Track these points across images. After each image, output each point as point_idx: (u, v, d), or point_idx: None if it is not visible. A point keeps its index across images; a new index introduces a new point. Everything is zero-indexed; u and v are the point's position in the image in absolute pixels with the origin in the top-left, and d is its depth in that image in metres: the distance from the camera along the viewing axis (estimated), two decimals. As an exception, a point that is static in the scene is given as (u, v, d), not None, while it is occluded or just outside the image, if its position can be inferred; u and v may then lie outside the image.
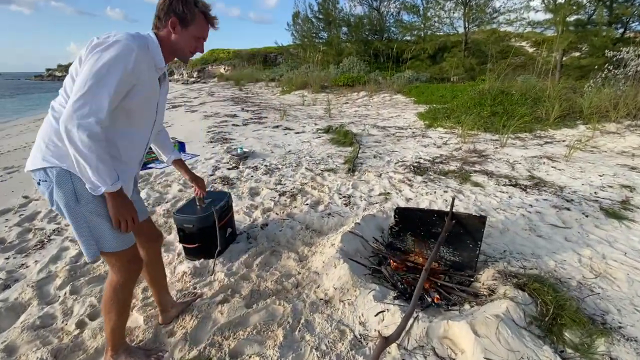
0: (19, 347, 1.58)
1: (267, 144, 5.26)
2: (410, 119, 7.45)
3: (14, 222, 2.99)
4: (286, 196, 3.19)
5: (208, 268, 2.13)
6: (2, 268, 2.28)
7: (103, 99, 1.05)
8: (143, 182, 3.81)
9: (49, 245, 2.56)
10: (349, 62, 17.00)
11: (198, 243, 2.11)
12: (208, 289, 1.94)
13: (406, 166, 4.03)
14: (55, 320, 1.76)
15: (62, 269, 2.20)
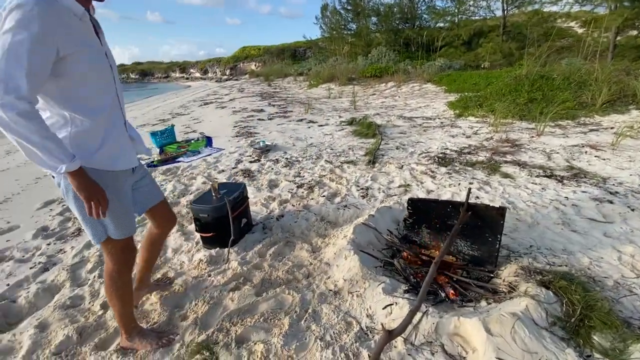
0: (51, 324, 1.73)
1: (289, 137, 5.29)
2: (440, 108, 7.14)
3: (56, 211, 3.27)
4: (304, 188, 3.19)
5: (223, 257, 2.19)
6: (43, 252, 2.51)
7: (17, 74, 0.94)
8: (171, 174, 4.00)
9: (85, 233, 2.77)
10: (378, 53, 16.60)
11: (213, 232, 2.17)
12: (221, 277, 1.99)
13: (430, 157, 3.87)
14: (83, 301, 1.91)
15: (93, 254, 2.37)
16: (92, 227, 1.28)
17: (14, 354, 1.57)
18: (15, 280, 2.17)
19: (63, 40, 1.03)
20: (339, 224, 2.57)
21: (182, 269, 2.14)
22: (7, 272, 2.29)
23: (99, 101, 1.21)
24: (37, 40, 0.96)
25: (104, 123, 1.22)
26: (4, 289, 2.08)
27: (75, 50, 1.07)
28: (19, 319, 1.85)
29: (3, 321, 1.82)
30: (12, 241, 2.75)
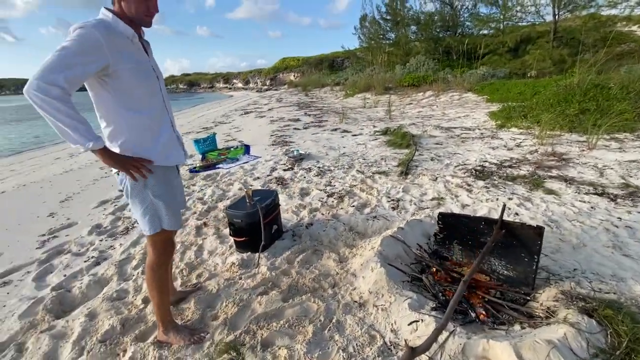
0: (98, 314, 1.90)
1: (322, 147, 5.37)
2: (480, 118, 6.85)
3: (109, 211, 3.60)
4: (334, 197, 3.23)
5: (253, 261, 2.28)
6: (96, 248, 2.77)
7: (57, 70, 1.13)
8: (210, 180, 4.23)
9: (132, 231, 3.02)
10: (417, 62, 16.35)
11: (245, 237, 2.27)
12: (251, 280, 2.07)
13: (467, 170, 3.72)
14: (127, 295, 2.08)
15: (138, 252, 2.58)
16: (150, 218, 1.45)
17: (66, 338, 1.75)
18: (71, 272, 2.42)
19: (114, 56, 1.24)
20: (368, 234, 2.56)
21: (215, 270, 2.25)
22: (65, 264, 2.56)
23: (149, 106, 1.40)
24: (82, 53, 1.17)
25: (155, 125, 1.43)
26: (61, 279, 2.33)
27: (126, 65, 1.29)
28: (72, 308, 2.06)
29: (59, 308, 2.04)
30: (70, 236, 3.07)
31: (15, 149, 12.53)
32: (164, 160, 1.45)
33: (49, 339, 1.73)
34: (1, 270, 2.55)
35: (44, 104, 1.12)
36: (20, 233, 3.26)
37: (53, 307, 2.02)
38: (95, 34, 1.18)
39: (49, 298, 2.08)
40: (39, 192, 4.72)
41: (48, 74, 1.12)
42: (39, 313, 1.97)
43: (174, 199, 1.52)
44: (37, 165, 8.17)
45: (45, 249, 2.85)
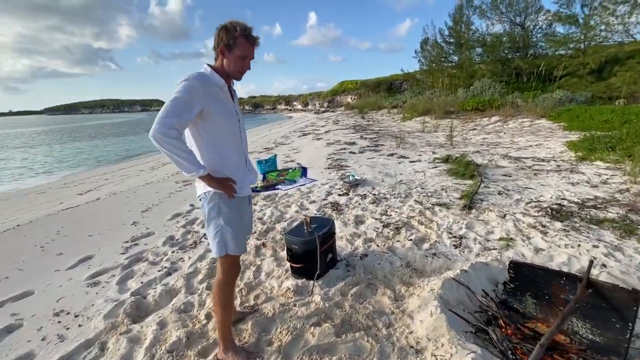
0: (168, 324, 2.08)
1: (378, 172, 5.32)
2: (556, 149, 6.21)
3: (181, 224, 3.97)
4: (390, 228, 3.15)
5: (308, 288, 2.31)
6: (169, 259, 3.06)
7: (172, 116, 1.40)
8: (270, 200, 4.45)
9: (199, 246, 3.28)
10: (481, 84, 15.57)
11: (302, 264, 2.32)
12: (305, 309, 2.09)
13: (541, 208, 3.37)
14: (192, 308, 2.24)
15: (204, 267, 2.78)
16: (219, 242, 1.63)
17: (140, 344, 1.94)
18: (147, 280, 2.69)
19: (208, 101, 1.50)
20: (426, 273, 2.44)
21: (271, 293, 2.33)
22: (143, 271, 2.87)
23: (229, 145, 1.64)
24: (188, 100, 1.44)
25: (232, 161, 1.65)
26: (139, 285, 2.61)
27: (216, 109, 1.54)
28: (146, 314, 2.28)
29: (135, 313, 2.28)
30: (148, 245, 3.44)
31: (110, 159, 14.61)
32: (237, 192, 1.64)
33: (126, 342, 1.93)
34: (93, 271, 2.94)
35: (166, 143, 1.40)
36: (109, 238, 3.75)
37: (131, 311, 2.26)
38: (196, 84, 1.45)
39: (128, 303, 2.33)
40: (125, 200, 5.41)
41: (166, 119, 1.39)
42: (120, 315, 2.22)
43: (242, 227, 1.70)
44: (125, 176, 9.40)
45: (128, 255, 3.23)
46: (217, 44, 1.54)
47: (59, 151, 18.06)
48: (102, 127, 43.65)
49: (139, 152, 16.50)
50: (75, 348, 1.96)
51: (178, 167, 1.47)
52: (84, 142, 23.30)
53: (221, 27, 1.52)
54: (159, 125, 1.38)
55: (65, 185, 9.17)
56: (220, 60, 1.57)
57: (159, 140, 1.39)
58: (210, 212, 1.62)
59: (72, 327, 2.17)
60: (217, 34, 1.53)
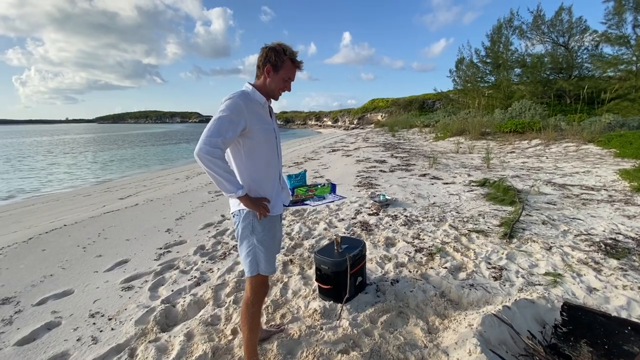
0: (194, 335, 2.08)
1: (410, 193, 5.17)
2: (607, 177, 5.74)
3: (212, 234, 4.05)
4: (423, 253, 3.01)
5: (335, 312, 2.23)
6: (199, 268, 3.11)
7: (217, 135, 1.43)
8: (298, 216, 4.44)
9: (229, 257, 3.31)
10: (521, 106, 14.94)
11: (330, 285, 2.25)
12: (332, 334, 2.01)
13: (593, 242, 3.08)
14: (219, 322, 2.24)
15: (232, 280, 2.79)
16: (251, 261, 1.63)
17: (167, 354, 1.94)
18: (177, 288, 2.74)
19: (250, 119, 1.53)
20: (462, 305, 2.28)
21: (298, 313, 2.27)
22: (174, 279, 2.93)
23: (267, 161, 1.64)
24: (232, 119, 1.47)
25: (268, 177, 1.66)
26: (169, 293, 2.66)
27: (256, 126, 1.56)
28: (174, 323, 2.30)
29: (164, 322, 2.31)
30: (180, 253, 3.53)
31: (150, 166, 15.46)
32: (271, 211, 1.63)
33: (154, 352, 1.94)
34: (127, 275, 3.05)
35: (210, 163, 1.42)
36: (144, 243, 3.89)
37: (160, 319, 2.29)
38: (240, 102, 1.49)
39: (158, 310, 2.37)
40: (161, 207, 5.64)
41: (212, 138, 1.42)
42: (150, 323, 2.25)
43: (273, 246, 1.69)
44: (162, 184, 9.86)
45: (161, 261, 3.32)
46: (264, 63, 1.56)
47: (104, 157, 19.44)
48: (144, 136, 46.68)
49: (175, 160, 17.36)
50: (107, 352, 2.01)
51: (218, 185, 1.49)
52: (128, 149, 24.95)
53: (270, 48, 1.55)
54: (204, 145, 1.41)
55: (108, 190, 9.77)
56: (263, 79, 1.60)
57: (203, 159, 1.42)
58: (244, 230, 1.62)
59: (105, 329, 2.24)
60: (264, 54, 1.56)
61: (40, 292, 2.81)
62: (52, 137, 47.69)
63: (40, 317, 2.44)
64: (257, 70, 1.61)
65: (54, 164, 16.69)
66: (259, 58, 1.59)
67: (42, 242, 4.11)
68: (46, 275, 3.12)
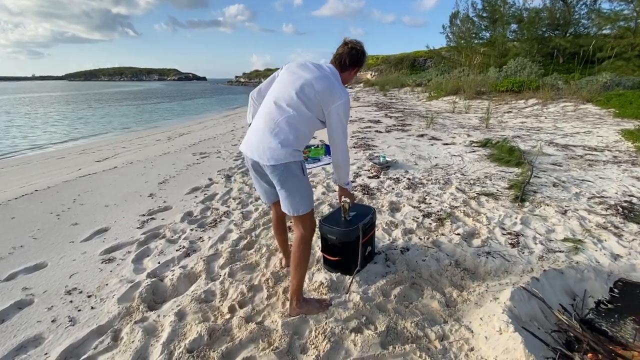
0: (187, 314, 1.85)
1: (410, 155, 4.91)
2: (609, 137, 5.61)
3: (199, 199, 3.73)
4: (431, 219, 2.80)
5: (344, 285, 2.03)
6: (187, 237, 2.83)
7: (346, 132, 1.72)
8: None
9: (220, 225, 3.03)
10: (516, 64, 14.44)
11: (338, 257, 2.02)
12: (342, 310, 1.81)
13: (609, 205, 2.94)
14: (214, 298, 2.00)
15: (225, 250, 2.53)
16: (305, 200, 1.70)
17: (157, 336, 1.71)
18: (164, 260, 2.47)
19: None
20: (479, 275, 2.11)
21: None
22: (160, 249, 2.65)
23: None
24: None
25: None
26: (156, 266, 2.39)
27: None
28: (163, 299, 2.06)
29: (152, 298, 2.06)
30: (165, 220, 3.22)
31: (128, 127, 14.55)
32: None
33: (142, 334, 1.71)
34: (108, 246, 2.75)
35: (348, 156, 1.77)
36: (125, 209, 3.55)
37: (147, 296, 2.04)
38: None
39: (144, 285, 2.12)
40: (142, 170, 5.22)
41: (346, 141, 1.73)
42: (135, 300, 2.00)
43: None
44: (142, 145, 9.27)
45: (144, 230, 3.02)
46: (356, 63, 1.74)
47: (78, 117, 18.18)
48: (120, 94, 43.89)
49: (156, 121, 16.41)
50: (87, 335, 1.76)
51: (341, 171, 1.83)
52: (103, 109, 23.42)
53: (363, 52, 1.75)
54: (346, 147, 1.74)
55: (84, 152, 9.12)
56: (347, 76, 1.77)
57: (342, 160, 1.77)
58: (297, 173, 1.64)
59: (84, 309, 1.98)
60: (359, 55, 1.73)
61: (9, 265, 2.49)
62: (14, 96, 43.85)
63: (10, 295, 2.14)
64: (342, 62, 1.72)
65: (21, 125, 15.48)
66: (351, 54, 1.70)
67: (10, 209, 3.70)
68: (15, 247, 2.78)
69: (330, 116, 1.62)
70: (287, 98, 1.61)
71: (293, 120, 1.59)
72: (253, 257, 2.42)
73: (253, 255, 2.44)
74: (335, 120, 1.63)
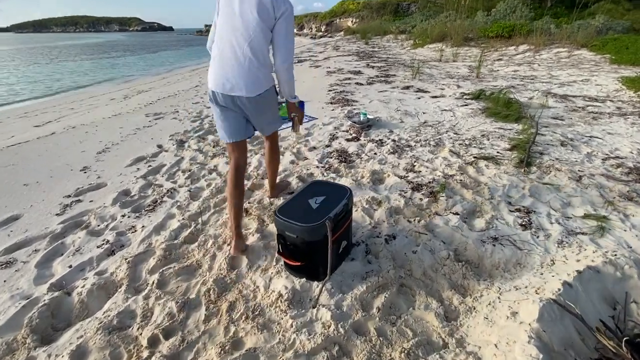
0: (89, 353, 1.31)
1: (395, 110, 4.27)
2: (609, 86, 5.12)
3: (142, 172, 3.05)
4: (422, 192, 2.28)
5: (310, 295, 1.52)
6: (116, 227, 2.22)
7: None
8: (256, 144, 3.48)
9: (159, 208, 2.41)
10: (506, 5, 13.37)
11: (302, 261, 1.48)
12: (306, 336, 1.31)
13: (628, 168, 2.49)
14: (132, 323, 1.45)
15: (160, 245, 1.95)
16: (275, 120, 1.99)
17: (40, 392, 1.18)
18: (79, 262, 1.89)
19: None
20: (485, 269, 1.64)
21: (255, 298, 1.54)
22: (77, 246, 2.04)
23: None
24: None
25: None
26: (65, 272, 1.81)
27: None
28: (64, 325, 1.51)
29: (48, 324, 1.50)
30: (94, 203, 2.58)
31: (82, 85, 12.92)
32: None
33: (15, 392, 1.17)
34: (12, 242, 2.12)
35: (292, 70, 1.80)
36: (47, 189, 2.86)
37: (41, 322, 1.48)
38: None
39: (41, 305, 1.55)
40: (83, 137, 4.40)
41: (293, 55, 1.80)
42: (23, 329, 1.44)
43: None
44: (93, 105, 8.12)
45: (65, 217, 2.39)
46: None
47: (25, 75, 16.04)
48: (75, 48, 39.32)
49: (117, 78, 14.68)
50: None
51: (287, 87, 1.85)
52: (53, 65, 20.84)
53: None
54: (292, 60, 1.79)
55: (25, 115, 7.92)
56: None
57: (290, 68, 1.79)
58: (274, 98, 1.87)
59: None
60: None
61: None
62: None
63: None
64: None
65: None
66: None
67: None
68: None
69: (279, 24, 1.65)
70: (241, 26, 1.63)
71: (256, 44, 1.65)
72: (194, 254, 1.86)
73: (195, 252, 1.87)
74: (283, 27, 1.66)
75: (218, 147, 3.51)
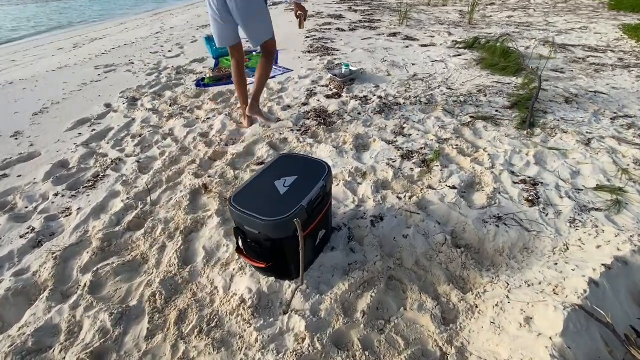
0: (-12, 395, 1.01)
1: (381, 61, 3.79)
2: (609, 34, 4.74)
3: (84, 138, 2.58)
4: (413, 161, 1.97)
5: (281, 298, 1.23)
6: (45, 209, 1.82)
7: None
8: (222, 102, 3.00)
9: (101, 184, 2.00)
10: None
11: (267, 262, 1.17)
12: (274, 354, 1.05)
13: (638, 127, 2.24)
14: (54, 342, 1.15)
15: (98, 232, 1.59)
16: (268, 27, 2.14)
17: None
18: (-5, 258, 1.51)
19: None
20: (487, 255, 1.40)
21: (212, 303, 1.24)
22: (-5, 235, 1.65)
23: None
24: None
25: None
26: (-24, 272, 1.44)
27: None
28: (-31, 347, 1.18)
29: (-54, 348, 1.17)
30: (22, 178, 2.13)
31: (27, 32, 11.26)
32: None
33: None
34: None
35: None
36: (-35, 163, 2.36)
37: None
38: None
39: None
40: (19, 95, 3.73)
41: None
42: None
43: None
44: (38, 56, 7.06)
45: (-17, 198, 1.95)
46: None
47: (-47, 18, 13.83)
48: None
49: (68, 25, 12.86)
50: None
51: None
52: (-9, 6, 18.04)
53: None
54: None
55: (-45, 68, 6.82)
56: None
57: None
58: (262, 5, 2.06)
59: None
60: None
61: None
62: None
63: None
64: None
65: None
66: None
67: None
68: None
69: None
70: None
71: None
72: (140, 245, 1.51)
73: (140, 241, 1.53)
74: None
75: (176, 105, 3.01)
